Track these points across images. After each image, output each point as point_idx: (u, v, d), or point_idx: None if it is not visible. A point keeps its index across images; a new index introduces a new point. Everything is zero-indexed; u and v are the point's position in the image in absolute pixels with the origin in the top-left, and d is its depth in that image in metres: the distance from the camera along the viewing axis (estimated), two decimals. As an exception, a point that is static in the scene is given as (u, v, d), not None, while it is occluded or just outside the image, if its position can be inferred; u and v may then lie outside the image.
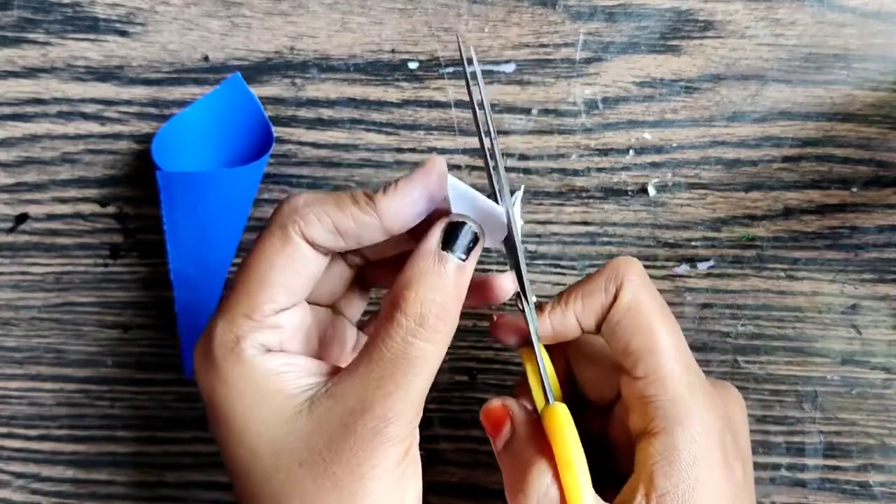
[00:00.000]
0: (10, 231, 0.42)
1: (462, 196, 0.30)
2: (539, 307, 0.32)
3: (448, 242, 0.28)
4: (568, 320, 0.32)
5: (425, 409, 0.42)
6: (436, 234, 0.28)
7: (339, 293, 0.34)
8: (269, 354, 0.29)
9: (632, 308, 0.31)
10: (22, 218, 0.42)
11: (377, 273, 0.35)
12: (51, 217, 0.42)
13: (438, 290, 0.28)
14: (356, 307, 0.36)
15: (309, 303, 0.32)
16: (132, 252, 0.42)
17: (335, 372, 0.29)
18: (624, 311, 0.31)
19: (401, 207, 0.29)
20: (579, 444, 0.29)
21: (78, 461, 0.43)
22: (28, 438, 0.43)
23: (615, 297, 0.31)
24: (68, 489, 0.43)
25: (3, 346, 0.43)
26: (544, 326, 0.32)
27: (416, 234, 0.30)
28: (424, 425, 0.42)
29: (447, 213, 0.30)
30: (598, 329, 0.32)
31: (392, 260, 0.33)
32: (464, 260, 0.28)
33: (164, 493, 0.42)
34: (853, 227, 0.41)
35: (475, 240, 0.29)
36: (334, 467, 0.27)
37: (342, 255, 0.32)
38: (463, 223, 0.29)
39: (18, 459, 0.43)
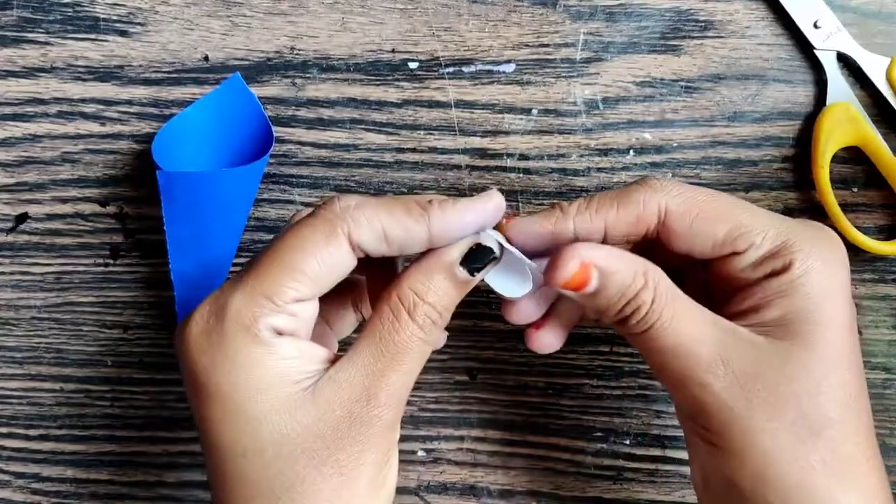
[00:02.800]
0: (11, 231, 0.42)
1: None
2: (557, 207, 0.32)
3: (467, 259, 0.29)
4: (595, 225, 0.31)
5: (426, 409, 0.42)
6: (458, 249, 0.29)
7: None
8: (281, 339, 0.29)
9: (695, 205, 0.31)
10: (22, 218, 0.42)
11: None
12: (51, 217, 0.42)
13: (445, 301, 0.30)
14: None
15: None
16: (132, 252, 0.42)
17: (333, 359, 0.30)
18: (692, 215, 0.31)
19: (452, 227, 0.29)
20: None
21: (78, 461, 0.43)
22: (28, 438, 0.43)
23: (660, 213, 0.31)
24: (68, 489, 0.43)
25: (4, 345, 0.43)
26: (566, 227, 0.31)
27: None
28: (425, 425, 0.42)
29: None
30: (627, 240, 0.32)
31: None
32: (473, 276, 0.30)
33: (164, 492, 0.42)
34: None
35: (492, 260, 0.30)
36: (338, 454, 0.28)
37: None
38: (489, 248, 0.30)
39: (18, 459, 0.43)
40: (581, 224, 0.31)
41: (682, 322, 0.30)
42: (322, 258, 0.29)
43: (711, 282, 0.33)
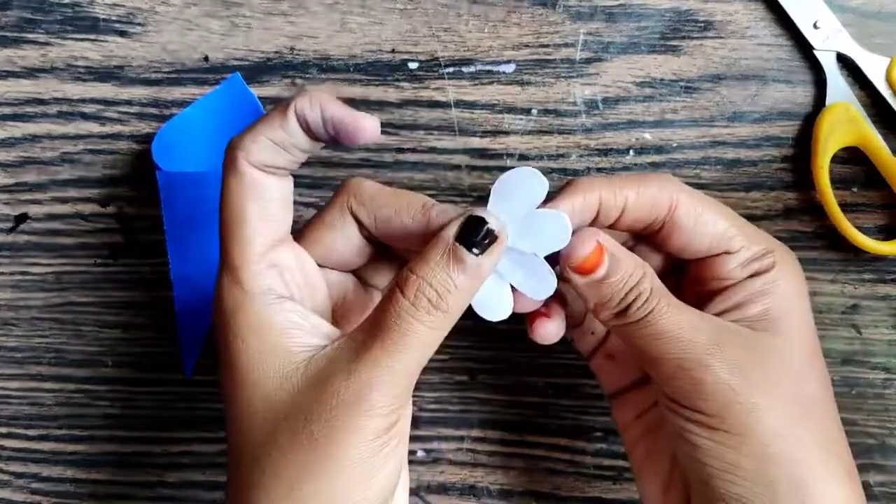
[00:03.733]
0: (10, 231, 0.42)
1: (508, 199, 0.30)
2: (573, 182, 0.32)
3: (464, 236, 0.29)
4: (617, 201, 0.32)
5: (426, 409, 0.42)
6: (453, 227, 0.29)
7: (355, 260, 0.34)
8: (279, 304, 0.30)
9: (701, 201, 0.32)
10: (22, 218, 0.42)
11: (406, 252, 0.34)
12: (51, 217, 0.42)
13: (440, 281, 0.29)
14: (388, 279, 0.36)
15: (324, 266, 0.33)
16: (132, 252, 0.42)
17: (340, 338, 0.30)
18: (698, 210, 0.32)
19: (308, 115, 0.30)
20: None
21: (78, 461, 0.43)
22: (28, 438, 0.43)
23: (672, 203, 0.32)
24: (68, 489, 0.43)
25: (4, 346, 0.43)
26: (593, 197, 0.32)
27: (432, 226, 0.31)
28: (425, 425, 0.42)
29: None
30: (632, 227, 0.33)
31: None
32: (477, 254, 0.29)
33: (165, 492, 0.42)
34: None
35: (491, 237, 0.29)
36: (313, 426, 0.28)
37: (357, 222, 0.32)
38: (482, 220, 0.29)
39: (18, 459, 0.43)
40: (605, 197, 0.32)
41: (677, 309, 0.31)
42: (248, 196, 0.30)
43: (688, 289, 0.34)
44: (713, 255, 0.33)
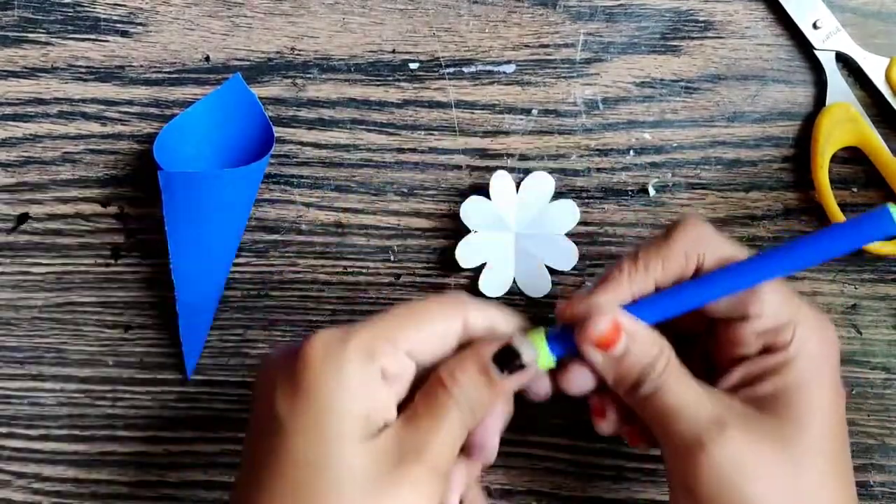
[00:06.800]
0: (11, 231, 0.42)
1: None
2: (611, 276, 0.33)
3: (500, 359, 0.31)
4: (647, 286, 0.32)
5: (426, 409, 0.42)
6: (491, 349, 0.31)
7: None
8: (383, 384, 0.30)
9: (726, 263, 0.32)
10: (23, 218, 0.42)
11: None
12: (52, 217, 0.42)
13: (477, 389, 0.31)
14: None
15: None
16: (133, 252, 0.42)
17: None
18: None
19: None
20: None
21: (79, 461, 0.43)
22: (29, 438, 0.43)
23: (698, 266, 0.32)
24: (69, 489, 0.43)
25: (5, 345, 0.43)
26: (626, 295, 0.32)
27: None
28: (425, 425, 0.42)
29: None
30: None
31: None
32: (503, 374, 0.31)
33: (165, 492, 0.42)
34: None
35: (520, 366, 0.31)
36: (374, 497, 0.29)
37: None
38: (516, 352, 0.31)
39: (19, 459, 0.43)
40: (637, 288, 0.32)
41: (686, 385, 0.31)
42: (442, 326, 0.32)
43: (713, 353, 0.34)
44: (733, 319, 0.32)
